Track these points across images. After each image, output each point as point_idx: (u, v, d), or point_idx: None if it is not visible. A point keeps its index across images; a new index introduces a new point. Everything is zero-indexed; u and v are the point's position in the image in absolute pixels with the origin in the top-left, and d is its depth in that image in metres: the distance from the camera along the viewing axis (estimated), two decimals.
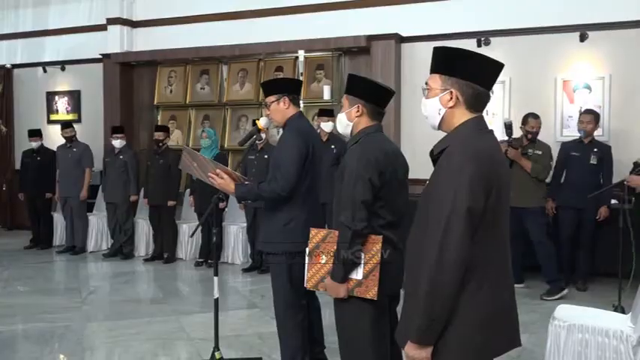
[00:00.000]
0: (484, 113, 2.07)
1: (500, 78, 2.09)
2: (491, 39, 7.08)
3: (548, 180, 6.18)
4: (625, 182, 5.19)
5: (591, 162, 5.97)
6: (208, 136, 7.31)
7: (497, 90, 7.01)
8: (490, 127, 2.09)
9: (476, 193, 1.87)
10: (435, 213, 1.91)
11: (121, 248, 7.99)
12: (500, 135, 5.93)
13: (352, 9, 7.79)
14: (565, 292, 5.79)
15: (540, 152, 5.97)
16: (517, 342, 2.07)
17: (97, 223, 8.47)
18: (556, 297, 5.67)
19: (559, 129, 6.85)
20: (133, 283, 6.83)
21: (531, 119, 6.07)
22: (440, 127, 2.08)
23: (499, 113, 7.08)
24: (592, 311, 3.92)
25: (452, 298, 1.88)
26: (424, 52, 7.00)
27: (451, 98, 2.01)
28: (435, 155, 2.05)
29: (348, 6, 7.81)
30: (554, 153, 6.25)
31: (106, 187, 8.04)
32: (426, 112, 2.10)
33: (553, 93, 6.92)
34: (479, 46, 7.03)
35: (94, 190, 8.57)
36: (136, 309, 5.63)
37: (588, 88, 6.78)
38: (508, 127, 5.97)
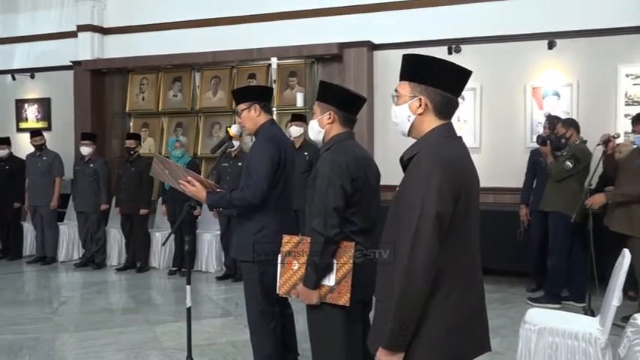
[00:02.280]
0: (455, 119, 2.10)
1: (470, 85, 2.12)
2: (462, 46, 7.17)
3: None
4: (586, 204, 5.26)
5: None
6: (182, 144, 7.33)
7: (468, 97, 7.09)
8: (459, 134, 2.11)
9: (444, 199, 1.88)
10: (404, 218, 1.93)
11: (93, 258, 7.89)
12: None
13: (325, 17, 7.82)
14: (556, 306, 5.59)
15: (565, 154, 5.72)
16: (487, 347, 2.09)
17: (68, 233, 8.34)
18: (539, 305, 5.48)
19: (529, 135, 6.93)
20: (105, 293, 6.73)
21: (559, 123, 5.95)
22: (409, 133, 2.10)
23: (470, 120, 7.16)
24: (562, 314, 3.98)
25: (422, 303, 1.89)
26: (396, 60, 6.98)
27: (420, 105, 2.03)
28: (405, 162, 2.06)
29: (321, 14, 7.84)
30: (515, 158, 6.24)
31: (76, 196, 7.91)
32: (395, 118, 2.11)
33: (523, 99, 7.02)
34: (450, 53, 7.12)
35: (64, 199, 8.44)
36: (108, 319, 5.56)
37: (557, 94, 6.89)
38: (549, 120, 5.97)
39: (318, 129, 2.97)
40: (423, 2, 7.42)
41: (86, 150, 7.75)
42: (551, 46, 6.82)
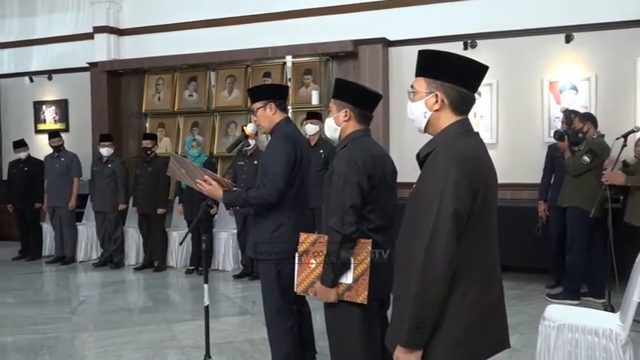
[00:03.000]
0: (472, 115, 2.09)
1: (487, 80, 2.10)
2: (478, 41, 7.12)
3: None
4: (602, 179, 5.22)
5: None
6: (199, 143, 7.37)
7: (485, 92, 7.04)
8: (476, 130, 2.09)
9: (462, 195, 1.87)
10: (422, 216, 1.91)
11: (111, 257, 7.96)
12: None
13: (339, 14, 7.81)
14: (575, 302, 5.51)
15: (582, 148, 5.65)
16: (506, 344, 2.07)
17: (87, 233, 8.42)
18: (558, 301, 5.35)
19: (546, 130, 6.87)
20: (124, 292, 6.79)
21: (576, 117, 5.88)
22: (426, 130, 2.08)
23: (486, 115, 7.12)
24: (582, 310, 3.95)
25: (440, 301, 1.88)
26: (411, 56, 6.96)
27: (436, 101, 2.02)
28: (422, 158, 2.05)
29: (335, 11, 7.83)
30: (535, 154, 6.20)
31: (94, 196, 7.99)
32: (412, 115, 2.10)
33: (540, 94, 6.96)
34: (465, 48, 7.07)
35: (82, 200, 8.52)
36: (126, 318, 5.60)
37: (575, 89, 6.82)
38: (566, 115, 5.95)
39: (335, 127, 2.97)
40: None
41: (106, 151, 7.82)
42: (568, 39, 6.76)
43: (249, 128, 3.76)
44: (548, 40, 6.87)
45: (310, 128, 6.75)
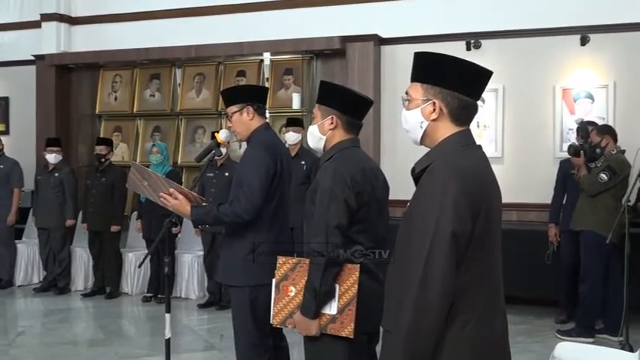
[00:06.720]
0: (474, 125, 2.14)
1: (492, 86, 2.16)
2: (482, 42, 7.21)
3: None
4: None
5: None
6: (160, 150, 7.32)
7: (490, 99, 7.13)
8: (479, 142, 2.14)
9: (461, 216, 1.91)
10: (416, 238, 1.95)
11: (55, 281, 7.89)
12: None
13: (325, 6, 7.86)
14: (589, 339, 5.59)
15: (599, 165, 5.75)
16: None
17: (27, 252, 8.35)
18: (570, 338, 5.50)
19: (558, 143, 6.97)
20: (70, 322, 6.75)
21: (593, 130, 5.98)
22: (422, 141, 2.13)
23: (491, 125, 7.21)
24: (596, 349, 3.99)
25: (436, 335, 1.91)
26: (407, 56, 7.05)
27: (434, 110, 2.06)
28: (417, 174, 2.08)
29: (321, 3, 7.88)
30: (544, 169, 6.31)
31: (37, 210, 7.95)
32: (406, 125, 2.14)
33: (552, 103, 7.06)
34: (468, 49, 7.16)
35: (23, 214, 8.47)
36: (72, 352, 5.58)
37: (590, 97, 6.93)
38: (581, 127, 6.05)
39: (319, 135, 3.01)
40: None
41: (53, 158, 7.77)
42: (584, 41, 6.87)
43: (222, 135, 3.79)
44: (562, 42, 6.98)
45: (291, 137, 6.77)
